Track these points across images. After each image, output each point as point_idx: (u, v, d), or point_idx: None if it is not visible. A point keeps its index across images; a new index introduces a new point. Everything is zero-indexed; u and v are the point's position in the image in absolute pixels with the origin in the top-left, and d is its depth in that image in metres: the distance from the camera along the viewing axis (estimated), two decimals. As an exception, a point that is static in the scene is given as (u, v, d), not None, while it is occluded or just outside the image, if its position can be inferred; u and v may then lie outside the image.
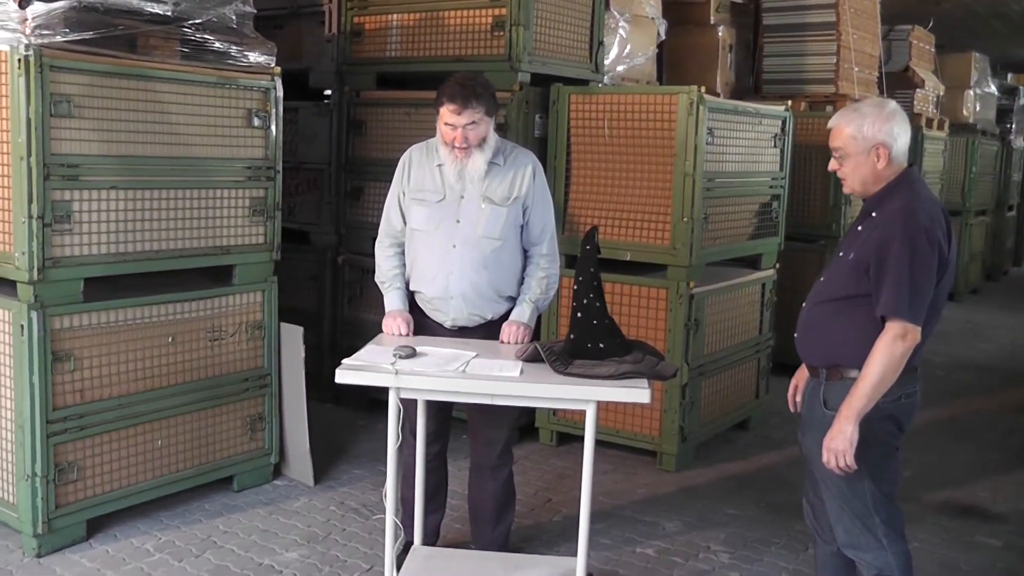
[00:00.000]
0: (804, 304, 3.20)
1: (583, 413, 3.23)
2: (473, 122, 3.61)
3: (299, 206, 6.23)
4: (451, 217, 3.72)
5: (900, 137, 3.02)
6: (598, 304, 3.32)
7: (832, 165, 3.13)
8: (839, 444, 2.92)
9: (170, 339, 4.32)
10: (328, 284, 6.19)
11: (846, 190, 3.14)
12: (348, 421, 5.88)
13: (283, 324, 4.78)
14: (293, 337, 4.75)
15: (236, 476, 4.71)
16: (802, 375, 3.35)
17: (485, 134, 3.66)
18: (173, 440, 4.40)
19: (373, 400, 5.85)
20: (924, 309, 2.90)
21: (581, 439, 5.45)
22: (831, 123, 3.11)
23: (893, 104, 3.09)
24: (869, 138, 3.01)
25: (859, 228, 3.08)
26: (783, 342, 6.42)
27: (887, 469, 3.08)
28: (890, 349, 2.87)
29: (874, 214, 3.04)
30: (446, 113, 3.62)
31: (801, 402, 3.30)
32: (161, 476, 4.37)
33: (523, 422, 5.62)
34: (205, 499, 4.62)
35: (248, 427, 4.71)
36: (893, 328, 2.88)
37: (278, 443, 4.85)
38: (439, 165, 3.75)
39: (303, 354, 4.74)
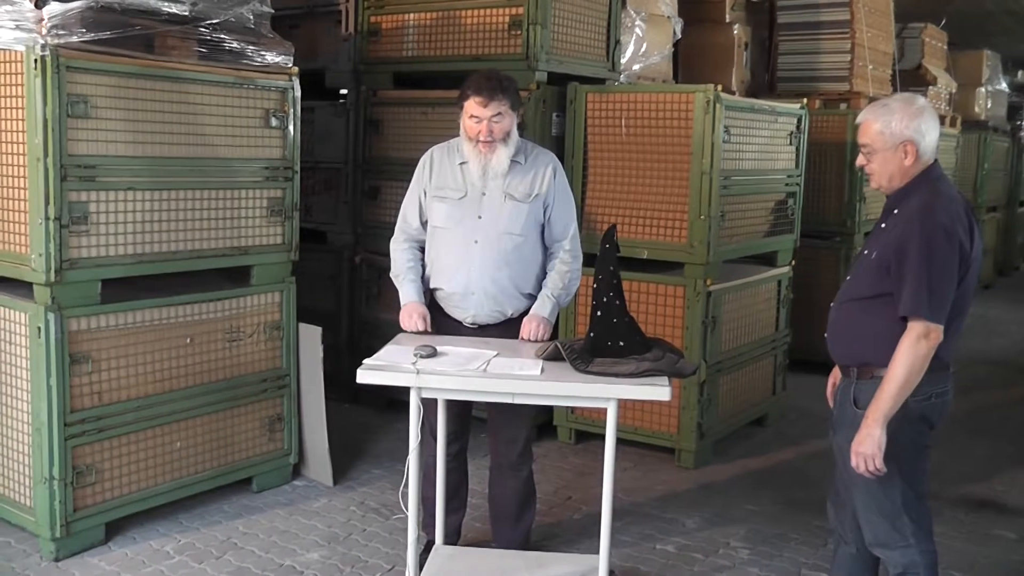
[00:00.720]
0: (832, 303, 3.13)
1: (601, 411, 3.17)
2: (499, 114, 3.56)
3: (316, 206, 6.16)
4: (472, 213, 3.66)
5: (928, 134, 2.95)
6: (618, 302, 3.25)
7: (860, 161, 3.06)
8: (868, 448, 2.84)
9: (188, 340, 4.25)
10: (345, 284, 6.12)
11: (873, 186, 3.06)
12: (366, 421, 5.80)
13: (301, 324, 4.70)
14: (311, 337, 4.68)
15: (255, 477, 4.64)
16: (839, 372, 3.26)
17: (509, 128, 3.61)
18: (192, 442, 4.33)
19: (391, 400, 5.79)
20: (946, 308, 2.83)
21: (598, 437, 5.45)
22: (859, 118, 3.05)
23: (922, 100, 3.01)
24: (897, 134, 2.94)
25: (883, 225, 3.02)
26: (799, 339, 6.38)
27: (917, 469, 3.01)
28: (913, 349, 2.81)
29: (896, 211, 2.97)
30: (472, 106, 3.57)
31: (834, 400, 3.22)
32: (180, 478, 4.30)
33: (541, 420, 5.54)
34: (224, 501, 4.54)
35: (267, 428, 4.63)
36: (915, 328, 2.81)
37: (297, 444, 4.77)
38: (462, 163, 3.70)
39: (321, 354, 4.66)
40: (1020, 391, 7.37)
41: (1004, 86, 13.02)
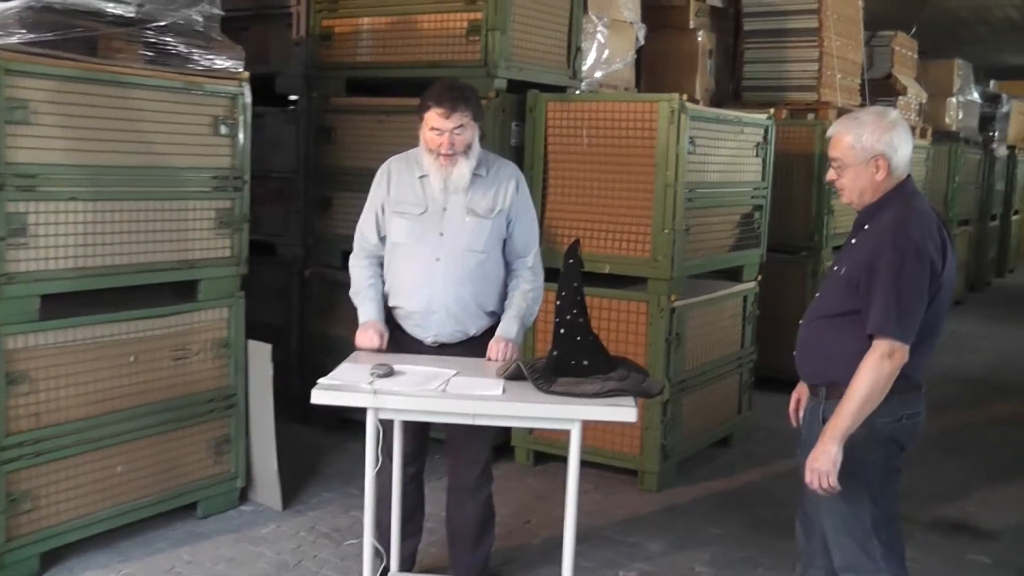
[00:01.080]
0: (801, 321, 3.22)
1: (562, 432, 3.23)
2: (460, 126, 3.62)
3: (265, 217, 6.20)
4: (434, 230, 3.72)
5: (900, 148, 3.03)
6: (581, 320, 3.33)
7: (830, 176, 3.14)
8: (822, 464, 2.94)
9: (132, 358, 4.28)
10: (296, 298, 6.17)
11: (844, 201, 3.15)
12: (317, 441, 5.85)
13: (250, 341, 4.75)
14: (261, 355, 4.72)
15: (201, 502, 4.66)
16: (804, 389, 3.36)
17: (471, 140, 3.67)
18: (134, 465, 4.35)
19: (343, 419, 5.83)
20: (914, 326, 2.91)
21: (558, 458, 5.54)
22: (830, 132, 3.13)
23: (895, 114, 3.10)
24: (868, 148, 3.02)
25: (853, 241, 3.10)
26: (766, 356, 6.51)
27: (887, 490, 3.10)
28: (877, 368, 2.89)
29: (867, 227, 3.06)
30: (432, 117, 3.63)
31: (802, 418, 3.31)
32: (121, 504, 4.31)
33: (498, 441, 5.60)
34: (168, 527, 4.56)
35: (213, 450, 4.67)
36: (880, 346, 2.90)
37: (245, 466, 4.81)
38: (421, 177, 3.76)
39: (271, 372, 4.71)
40: (993, 410, 7.57)
41: (975, 96, 13.32)
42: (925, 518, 5.11)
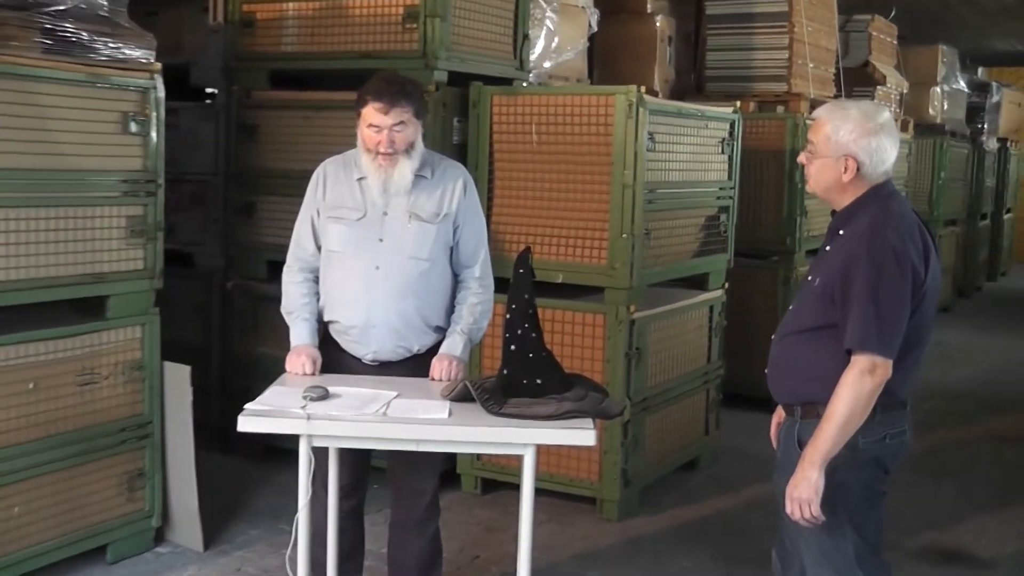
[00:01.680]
0: (773, 336, 3.31)
1: (513, 457, 3.29)
2: (401, 122, 3.67)
3: (181, 224, 6.21)
4: (373, 236, 3.77)
5: (876, 154, 3.10)
6: (534, 335, 3.39)
7: (801, 158, 3.24)
8: (804, 492, 3.00)
9: (31, 385, 4.26)
10: (216, 314, 6.20)
11: (808, 188, 3.27)
12: (241, 473, 5.87)
13: (166, 363, 4.76)
14: (179, 378, 4.74)
15: (111, 545, 4.64)
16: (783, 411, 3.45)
17: (413, 139, 3.73)
18: (34, 506, 4.31)
19: (269, 447, 5.86)
20: (896, 339, 2.99)
21: (509, 486, 5.59)
22: (816, 113, 3.22)
23: (886, 117, 3.16)
24: (842, 145, 3.10)
25: (827, 249, 3.19)
26: (734, 371, 6.62)
27: (871, 518, 3.17)
28: (857, 385, 2.97)
29: (842, 232, 3.14)
30: (370, 113, 3.68)
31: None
32: (20, 550, 4.26)
33: (443, 468, 5.64)
34: (74, 574, 4.54)
35: (125, 486, 4.66)
36: (860, 362, 2.97)
37: (161, 503, 4.80)
38: (360, 179, 3.81)
39: (190, 397, 4.72)
40: (986, 426, 7.72)
41: (962, 85, 13.53)
42: (914, 547, 5.20)
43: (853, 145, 3.09)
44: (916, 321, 3.04)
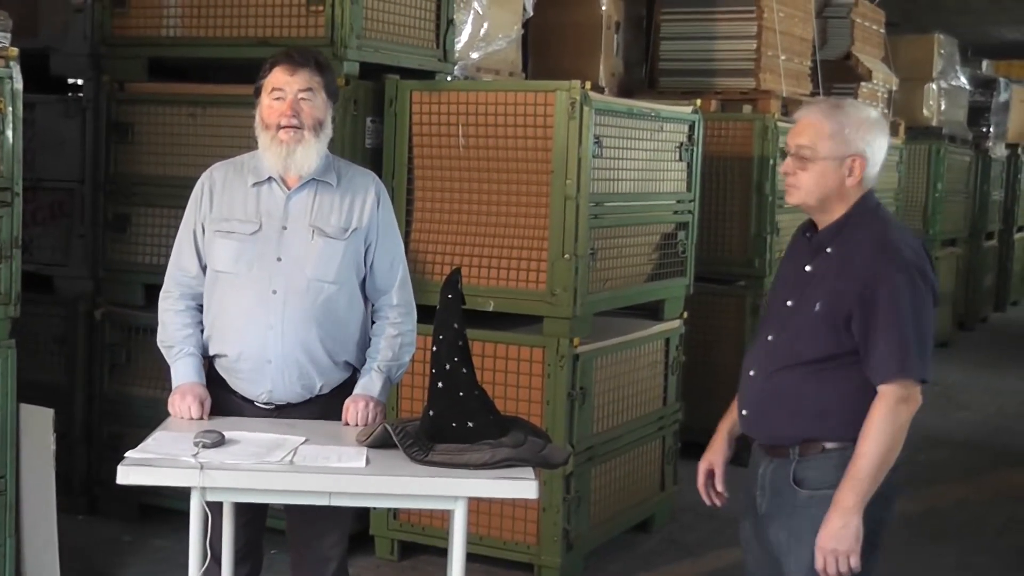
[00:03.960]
0: (750, 372, 3.51)
1: (436, 515, 3.38)
2: (309, 89, 3.82)
3: (39, 240, 6.23)
4: (270, 254, 3.86)
5: (879, 153, 3.39)
6: (465, 371, 3.52)
7: (786, 166, 3.42)
8: (845, 544, 3.21)
9: None
10: (81, 348, 6.19)
11: (793, 201, 3.45)
12: (111, 537, 5.88)
13: (23, 406, 4.80)
14: (39, 423, 4.78)
15: (-46, 624, 4.67)
16: (717, 455, 3.65)
17: (322, 117, 3.86)
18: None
19: (145, 506, 5.89)
20: (929, 359, 3.26)
21: (432, 550, 5.65)
22: (800, 114, 3.46)
23: (876, 111, 3.46)
24: (850, 143, 3.34)
25: (808, 268, 3.41)
26: (694, 415, 6.68)
27: (872, 559, 3.36)
28: (893, 417, 3.21)
29: (830, 250, 3.38)
30: (277, 77, 3.82)
31: (724, 492, 3.62)
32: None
33: (352, 529, 5.73)
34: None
35: (-29, 552, 4.68)
36: (894, 392, 3.22)
37: (14, 574, 4.81)
38: (256, 184, 3.91)
39: (53, 447, 4.78)
40: (994, 482, 7.85)
41: (963, 81, 13.72)
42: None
43: (861, 142, 3.35)
44: None
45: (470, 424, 3.51)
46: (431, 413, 3.54)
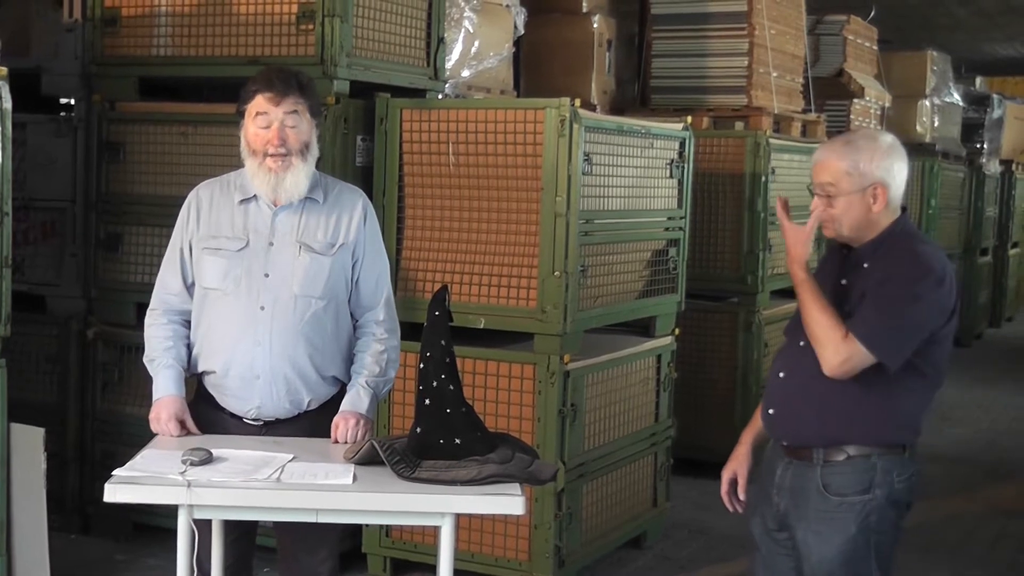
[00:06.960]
0: (780, 374, 3.68)
1: (428, 531, 3.40)
2: (294, 112, 3.84)
3: (31, 260, 6.25)
4: (257, 270, 3.90)
5: (899, 176, 3.57)
6: (452, 387, 3.54)
7: (816, 203, 3.60)
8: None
9: None
10: (74, 367, 6.20)
11: (829, 234, 3.66)
12: (104, 556, 5.89)
13: (14, 425, 4.82)
14: (29, 443, 4.81)
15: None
16: (740, 465, 3.79)
17: (308, 139, 3.89)
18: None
19: (137, 525, 5.91)
20: (902, 352, 3.41)
21: (423, 567, 5.66)
22: (816, 157, 3.65)
23: (890, 137, 3.64)
24: (866, 175, 3.53)
25: (843, 282, 3.60)
26: (687, 432, 6.72)
27: (893, 561, 3.60)
28: (840, 347, 3.40)
29: (866, 265, 3.56)
30: (260, 103, 3.84)
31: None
32: None
33: (345, 546, 5.73)
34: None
35: (-38, 573, 4.70)
36: (854, 345, 3.39)
37: (5, 594, 4.86)
38: (243, 201, 3.95)
39: (44, 466, 4.79)
40: (988, 497, 7.87)
41: (956, 98, 13.81)
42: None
43: (878, 171, 3.54)
44: (942, 352, 3.53)
45: (457, 441, 3.53)
46: (418, 430, 3.56)
